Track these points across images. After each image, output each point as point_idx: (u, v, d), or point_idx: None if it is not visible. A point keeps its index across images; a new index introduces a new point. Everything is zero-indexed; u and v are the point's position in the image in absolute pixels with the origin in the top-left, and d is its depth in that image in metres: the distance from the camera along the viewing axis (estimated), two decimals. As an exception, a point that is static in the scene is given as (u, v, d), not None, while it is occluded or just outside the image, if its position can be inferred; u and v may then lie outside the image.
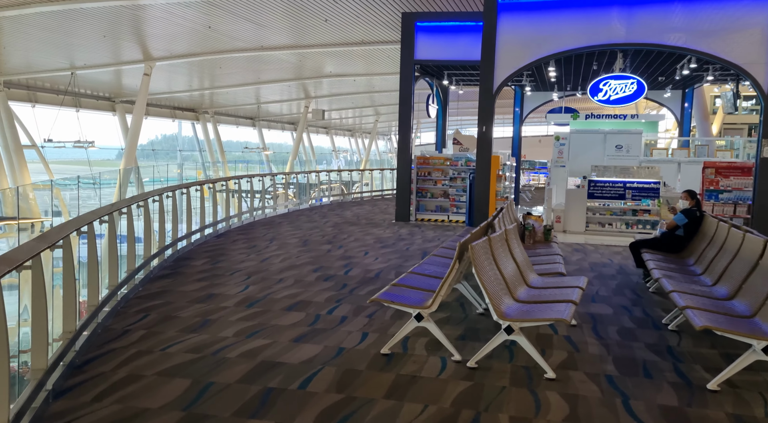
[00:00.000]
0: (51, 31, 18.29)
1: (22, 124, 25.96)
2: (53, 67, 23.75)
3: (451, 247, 7.92)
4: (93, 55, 22.10)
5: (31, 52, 21.57)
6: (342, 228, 13.23)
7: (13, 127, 24.92)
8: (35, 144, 26.19)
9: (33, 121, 27.16)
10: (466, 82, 17.03)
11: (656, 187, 11.98)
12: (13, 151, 24.69)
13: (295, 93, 33.98)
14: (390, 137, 57.42)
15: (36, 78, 25.55)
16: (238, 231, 12.40)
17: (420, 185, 14.75)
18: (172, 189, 9.50)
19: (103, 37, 19.33)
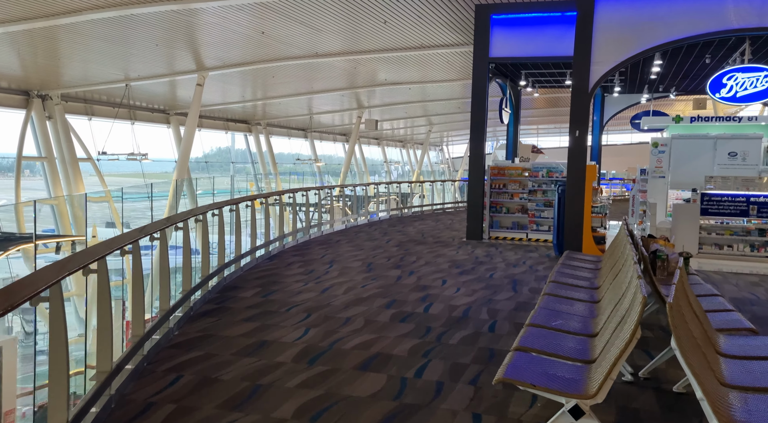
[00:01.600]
0: (105, 41, 17.32)
1: (78, 137, 25.42)
2: (108, 78, 23.00)
3: (567, 282, 6.04)
4: (147, 66, 21.18)
5: (87, 64, 20.79)
6: (408, 248, 11.49)
7: (70, 141, 24.35)
8: (91, 157, 25.60)
9: (89, 134, 26.67)
10: (542, 83, 15.11)
11: (789, 201, 9.78)
12: (69, 164, 24.09)
13: (347, 103, 32.61)
14: (442, 148, 55.51)
15: (92, 91, 24.93)
16: (292, 252, 10.83)
17: (494, 199, 12.88)
18: (219, 206, 7.96)
19: (156, 46, 18.27)
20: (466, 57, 19.57)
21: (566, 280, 6.09)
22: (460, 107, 34.61)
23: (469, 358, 5.19)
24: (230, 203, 8.57)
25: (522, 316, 6.54)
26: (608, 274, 5.69)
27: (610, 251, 7.21)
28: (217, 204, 8.08)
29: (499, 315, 6.62)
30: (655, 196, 11.90)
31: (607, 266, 6.25)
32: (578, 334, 4.25)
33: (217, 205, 8.00)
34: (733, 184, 10.15)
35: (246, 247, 9.40)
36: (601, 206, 9.87)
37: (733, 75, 9.91)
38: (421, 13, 14.35)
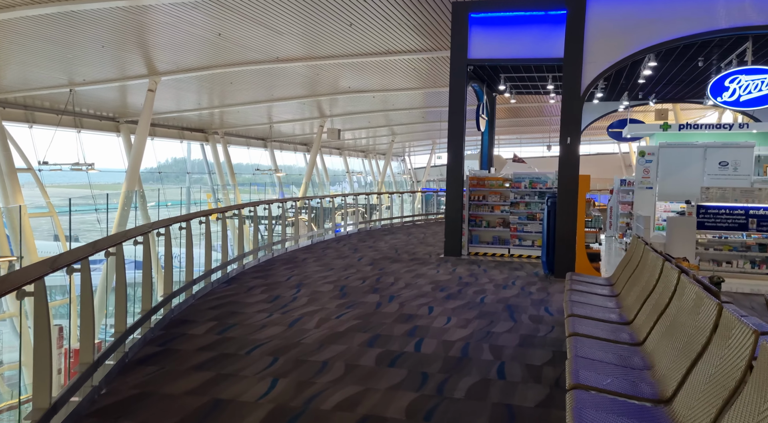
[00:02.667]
0: (46, 41, 15.60)
1: (17, 146, 23.34)
2: (50, 83, 21.09)
3: (590, 315, 4.96)
4: (93, 70, 19.44)
5: (26, 67, 18.90)
6: (383, 267, 10.31)
7: (7, 149, 22.29)
8: (31, 167, 23.52)
9: (30, 143, 24.59)
10: (520, 89, 14.22)
11: (792, 214, 9.07)
12: (6, 175, 22.02)
13: (308, 111, 31.31)
14: (404, 158, 54.65)
15: (34, 96, 22.93)
16: (254, 273, 9.50)
17: (473, 212, 11.84)
18: (166, 224, 6.62)
19: (102, 47, 16.64)
20: (431, 64, 18.63)
21: (587, 313, 5.02)
22: (424, 116, 33.78)
23: (483, 420, 4.04)
24: (180, 220, 7.22)
25: (531, 355, 5.44)
26: (646, 306, 4.63)
27: (626, 273, 6.20)
28: (163, 221, 6.73)
29: (505, 354, 5.50)
30: (643, 208, 11.09)
31: (635, 294, 5.22)
32: (645, 400, 3.15)
33: (164, 222, 6.66)
34: (731, 196, 9.38)
35: (199, 271, 8.05)
36: (595, 219, 8.93)
37: (736, 77, 9.17)
38: (390, 14, 13.31)
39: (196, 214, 7.98)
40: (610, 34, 8.82)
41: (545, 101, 21.17)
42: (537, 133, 41.39)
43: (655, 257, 5.13)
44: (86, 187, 26.72)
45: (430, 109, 30.93)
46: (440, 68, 18.79)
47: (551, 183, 11.29)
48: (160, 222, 6.54)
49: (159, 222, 6.50)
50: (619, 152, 46.09)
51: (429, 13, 13.03)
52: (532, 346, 5.74)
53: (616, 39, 8.80)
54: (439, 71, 19.34)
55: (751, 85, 8.99)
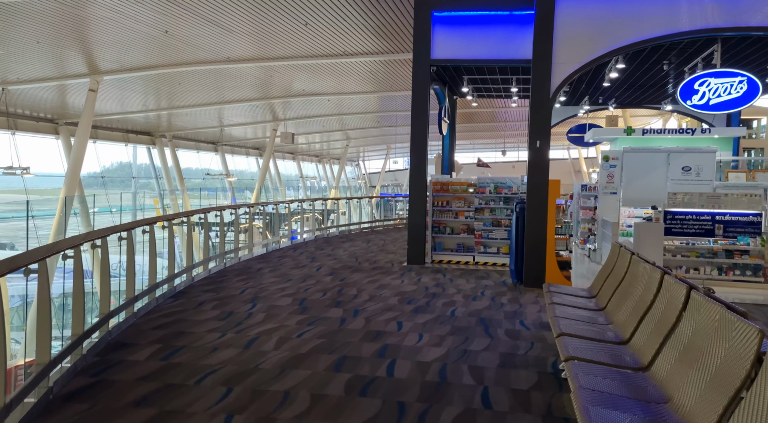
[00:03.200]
0: None
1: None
2: (-20, 81, 19.51)
3: (582, 334, 4.49)
4: (28, 68, 18.03)
5: None
6: (344, 277, 9.68)
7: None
8: (-41, 171, 21.74)
9: (-41, 145, 22.76)
10: (482, 92, 13.85)
11: (757, 220, 8.94)
12: (-69, 179, 20.27)
13: (261, 115, 30.32)
14: (358, 163, 54.05)
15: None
16: (204, 286, 8.70)
17: (437, 218, 11.35)
18: (102, 234, 5.81)
19: (38, 43, 15.38)
20: (387, 66, 18.14)
21: (578, 331, 4.55)
22: (378, 121, 33.30)
23: (476, 462, 3.48)
24: (120, 229, 6.41)
25: (516, 378, 4.93)
26: (646, 324, 4.19)
27: (610, 285, 5.79)
28: (100, 231, 5.91)
29: (487, 377, 4.97)
30: (607, 214, 10.84)
31: (627, 310, 4.78)
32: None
33: (100, 233, 5.84)
34: (698, 202, 9.21)
35: (142, 286, 7.22)
36: (565, 226, 8.57)
37: (705, 80, 9.01)
38: (347, 14, 12.72)
39: (139, 223, 7.17)
40: (580, 35, 8.50)
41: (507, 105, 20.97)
42: (490, 138, 41.61)
43: (650, 269, 4.71)
44: (21, 193, 25.01)
45: (385, 114, 30.51)
46: (397, 71, 18.34)
47: (517, 188, 10.94)
48: (96, 232, 5.73)
49: (94, 232, 5.69)
50: (569, 158, 46.87)
51: (387, 14, 12.52)
52: (515, 366, 5.24)
53: (586, 39, 8.49)
54: (395, 75, 18.88)
55: (720, 88, 8.86)
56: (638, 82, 12.24)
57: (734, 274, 9.09)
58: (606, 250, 9.97)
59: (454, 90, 14.13)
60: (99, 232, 5.90)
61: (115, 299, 6.91)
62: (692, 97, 9.13)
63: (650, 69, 11.32)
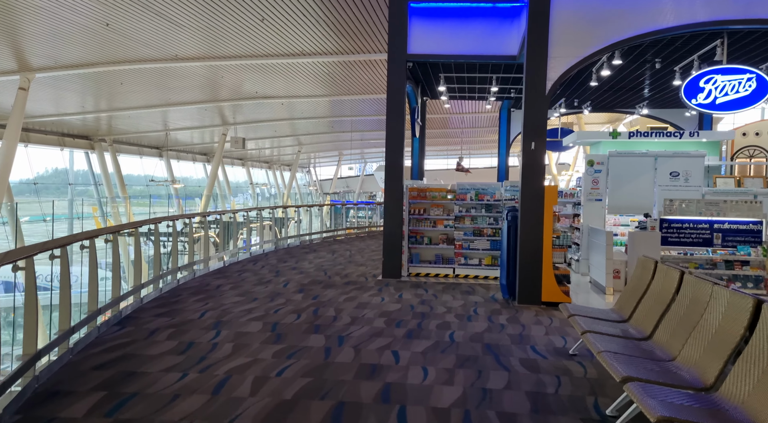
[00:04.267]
0: None
1: None
2: None
3: (650, 378, 3.58)
4: (-55, 61, 16.00)
5: None
6: (316, 294, 8.54)
7: None
8: None
9: None
10: (455, 93, 12.97)
11: (758, 228, 8.41)
12: None
13: (209, 119, 28.65)
14: (309, 170, 52.60)
15: None
16: (155, 308, 7.37)
17: (413, 227, 10.36)
18: (25, 254, 4.51)
19: (-43, 33, 13.53)
20: (343, 68, 17.09)
21: (646, 373, 3.63)
22: (332, 126, 32.17)
23: None
24: (51, 247, 5.10)
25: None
26: (740, 365, 3.31)
27: (650, 306, 4.93)
28: (24, 250, 4.61)
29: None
30: (592, 222, 10.17)
31: (700, 342, 3.90)
32: None
33: (23, 251, 4.54)
34: (696, 209, 8.60)
35: (80, 313, 5.90)
36: (563, 236, 7.76)
37: (711, 77, 8.42)
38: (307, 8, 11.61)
39: (77, 237, 5.84)
40: (579, 25, 7.72)
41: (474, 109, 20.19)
42: (442, 145, 41.12)
43: (720, 290, 3.87)
44: (-59, 200, 22.53)
45: (338, 119, 29.45)
46: (353, 74, 17.36)
47: (500, 195, 10.10)
48: (18, 251, 4.42)
49: (15, 251, 4.38)
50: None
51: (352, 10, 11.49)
52: (551, 411, 4.29)
53: (586, 31, 7.72)
54: (351, 77, 17.90)
55: (728, 85, 8.29)
56: (620, 83, 11.69)
57: (736, 286, 8.51)
58: (597, 261, 9.25)
59: (427, 90, 13.23)
60: (24, 249, 4.60)
61: (45, 332, 5.58)
62: (697, 96, 8.54)
63: (638, 68, 10.74)
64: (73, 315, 5.60)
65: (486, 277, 10.02)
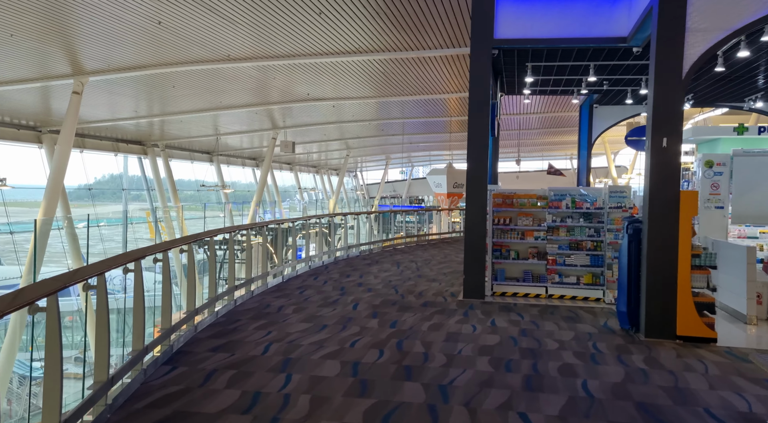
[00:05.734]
0: None
1: None
2: (-50, 82, 16.77)
3: None
4: (3, 66, 15.35)
5: None
6: (393, 318, 7.16)
7: None
8: (-70, 183, 18.90)
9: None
10: (536, 87, 11.33)
11: None
12: None
13: (258, 122, 27.74)
14: (356, 174, 51.48)
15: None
16: (211, 339, 6.12)
17: (498, 239, 8.86)
18: (60, 286, 3.26)
19: (11, 36, 12.72)
20: (393, 66, 15.69)
21: None
22: (384, 129, 30.86)
23: None
24: (101, 269, 3.85)
25: None
26: None
27: None
28: (63, 278, 3.36)
29: None
30: (710, 233, 8.46)
31: None
32: None
33: (61, 281, 3.29)
34: None
35: (123, 354, 4.67)
36: (705, 255, 6.14)
37: None
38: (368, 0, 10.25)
39: (149, 250, 4.59)
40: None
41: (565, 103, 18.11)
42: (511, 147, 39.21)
43: None
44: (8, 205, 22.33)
45: (386, 122, 28.13)
46: (404, 72, 15.97)
47: (602, 201, 8.50)
48: (88, 268, 3.17)
49: (57, 282, 3.13)
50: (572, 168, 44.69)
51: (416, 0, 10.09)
52: None
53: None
54: (400, 76, 16.53)
55: None
56: (739, 72, 9.80)
57: None
58: (728, 282, 7.50)
59: (505, 85, 11.65)
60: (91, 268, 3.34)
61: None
62: None
63: (759, 51, 8.88)
64: (112, 357, 4.37)
65: (586, 299, 8.43)
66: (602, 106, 13.72)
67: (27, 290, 3.29)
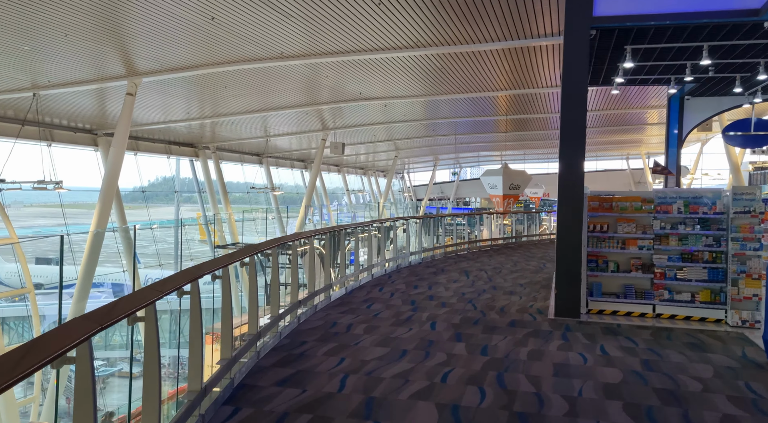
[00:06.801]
0: None
1: (-29, 161, 18.71)
2: (11, 85, 16.54)
3: None
4: (58, 68, 14.94)
5: None
6: (481, 342, 6.03)
7: (-43, 164, 17.73)
8: (-9, 186, 18.88)
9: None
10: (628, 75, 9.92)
11: None
12: (-45, 195, 17.46)
13: (307, 124, 26.97)
14: (403, 175, 50.36)
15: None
16: (276, 368, 5.14)
17: (593, 249, 7.60)
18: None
19: (65, 35, 12.21)
20: (446, 61, 14.45)
21: None
22: (434, 129, 29.66)
23: None
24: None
25: None
26: None
27: None
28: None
29: None
30: None
31: None
32: None
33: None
34: None
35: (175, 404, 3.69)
36: None
37: None
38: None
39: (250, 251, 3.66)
40: None
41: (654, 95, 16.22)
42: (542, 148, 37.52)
43: None
44: (56, 207, 22.32)
45: (435, 121, 26.93)
46: (456, 68, 14.77)
47: (724, 205, 7.14)
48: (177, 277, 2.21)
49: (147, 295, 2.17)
50: (628, 169, 42.45)
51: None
52: None
53: None
54: (452, 72, 15.33)
55: None
56: None
57: None
58: None
59: (590, 73, 10.21)
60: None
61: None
62: None
63: None
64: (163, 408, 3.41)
65: (703, 320, 7.08)
66: (695, 98, 12.17)
67: (123, 302, 3.08)
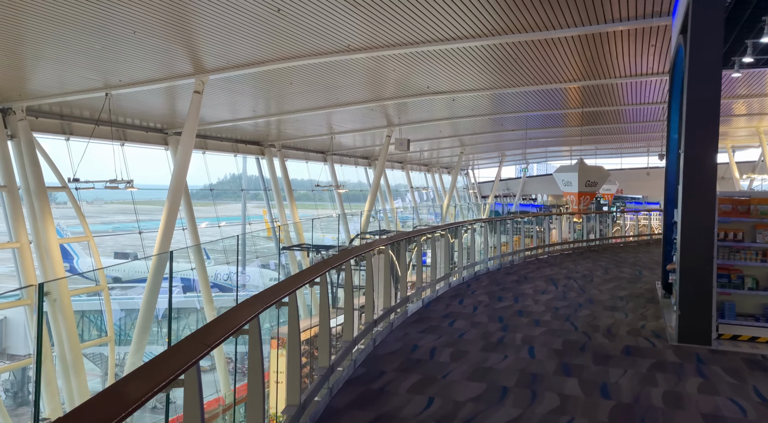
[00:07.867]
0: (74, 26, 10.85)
1: (51, 161, 19.05)
2: (84, 85, 16.56)
3: None
4: (128, 67, 14.71)
5: (54, 64, 14.26)
6: (597, 379, 4.88)
7: (37, 165, 18.04)
8: (66, 185, 19.18)
9: (67, 158, 20.40)
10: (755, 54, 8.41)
11: None
12: (35, 194, 17.74)
13: (371, 120, 26.13)
14: (467, 172, 48.83)
15: (68, 102, 18.49)
16: (354, 408, 4.21)
17: (723, 261, 6.25)
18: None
19: (133, 33, 11.82)
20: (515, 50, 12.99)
21: None
22: (503, 124, 28.12)
23: None
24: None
25: None
26: None
27: None
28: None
29: None
30: None
31: None
32: None
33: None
34: None
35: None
36: None
37: None
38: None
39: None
40: None
41: None
42: (615, 142, 35.04)
43: None
44: (128, 204, 22.67)
45: (501, 116, 25.40)
46: (526, 57, 13.32)
47: None
48: None
49: None
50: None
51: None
52: None
53: None
54: (521, 63, 13.89)
55: None
56: None
57: None
58: None
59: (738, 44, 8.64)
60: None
61: None
62: None
63: None
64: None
65: None
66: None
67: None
